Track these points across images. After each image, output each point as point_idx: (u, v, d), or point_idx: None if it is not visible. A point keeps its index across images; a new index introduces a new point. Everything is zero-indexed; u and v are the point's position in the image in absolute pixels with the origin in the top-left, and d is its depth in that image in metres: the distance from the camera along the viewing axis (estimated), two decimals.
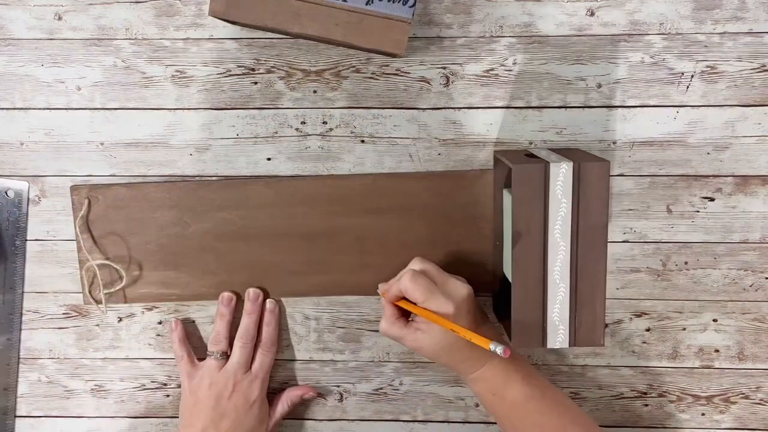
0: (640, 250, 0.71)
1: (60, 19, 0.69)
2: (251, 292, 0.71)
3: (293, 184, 0.70)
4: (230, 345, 0.71)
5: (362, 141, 0.70)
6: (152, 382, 0.74)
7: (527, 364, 0.66)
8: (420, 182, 0.69)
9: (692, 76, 0.68)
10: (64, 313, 0.73)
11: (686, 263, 0.71)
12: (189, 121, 0.70)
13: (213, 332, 0.71)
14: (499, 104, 0.69)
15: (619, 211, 0.70)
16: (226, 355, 0.70)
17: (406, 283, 0.61)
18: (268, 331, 0.71)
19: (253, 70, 0.69)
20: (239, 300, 0.72)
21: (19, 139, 0.71)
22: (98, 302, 0.71)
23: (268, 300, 0.72)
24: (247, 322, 0.71)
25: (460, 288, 0.62)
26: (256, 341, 0.71)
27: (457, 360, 0.64)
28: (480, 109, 0.69)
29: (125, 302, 0.72)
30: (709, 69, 0.67)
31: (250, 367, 0.70)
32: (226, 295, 0.71)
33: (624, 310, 0.72)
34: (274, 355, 0.72)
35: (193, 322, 0.73)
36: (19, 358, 0.74)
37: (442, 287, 0.61)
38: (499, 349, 0.54)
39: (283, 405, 0.72)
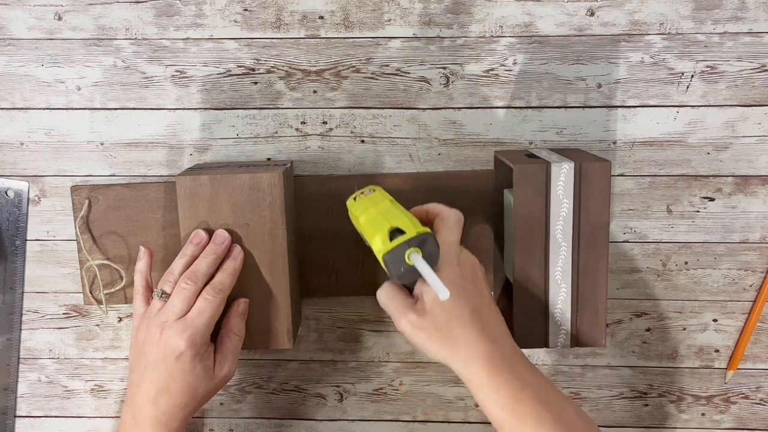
0: (640, 250, 0.71)
1: (60, 19, 0.68)
2: (219, 234, 0.61)
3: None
4: None
5: (362, 141, 0.70)
6: None
7: (516, 375, 0.54)
8: (420, 182, 0.69)
9: (692, 76, 0.68)
10: (64, 313, 0.73)
11: (686, 263, 0.71)
12: (189, 121, 0.70)
13: (168, 269, 0.62)
14: (499, 104, 0.69)
15: (619, 211, 0.70)
16: (168, 296, 0.60)
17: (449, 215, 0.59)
18: (221, 276, 0.60)
19: (253, 70, 0.69)
20: None
21: (19, 139, 0.71)
22: (99, 302, 0.71)
23: (234, 245, 0.62)
24: (200, 262, 0.60)
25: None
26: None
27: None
28: (480, 109, 0.69)
29: (126, 302, 0.72)
30: (709, 69, 0.67)
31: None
32: (200, 232, 0.62)
33: (624, 310, 0.72)
34: (220, 304, 0.60)
35: None
36: (19, 358, 0.74)
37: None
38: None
39: (225, 354, 0.61)
